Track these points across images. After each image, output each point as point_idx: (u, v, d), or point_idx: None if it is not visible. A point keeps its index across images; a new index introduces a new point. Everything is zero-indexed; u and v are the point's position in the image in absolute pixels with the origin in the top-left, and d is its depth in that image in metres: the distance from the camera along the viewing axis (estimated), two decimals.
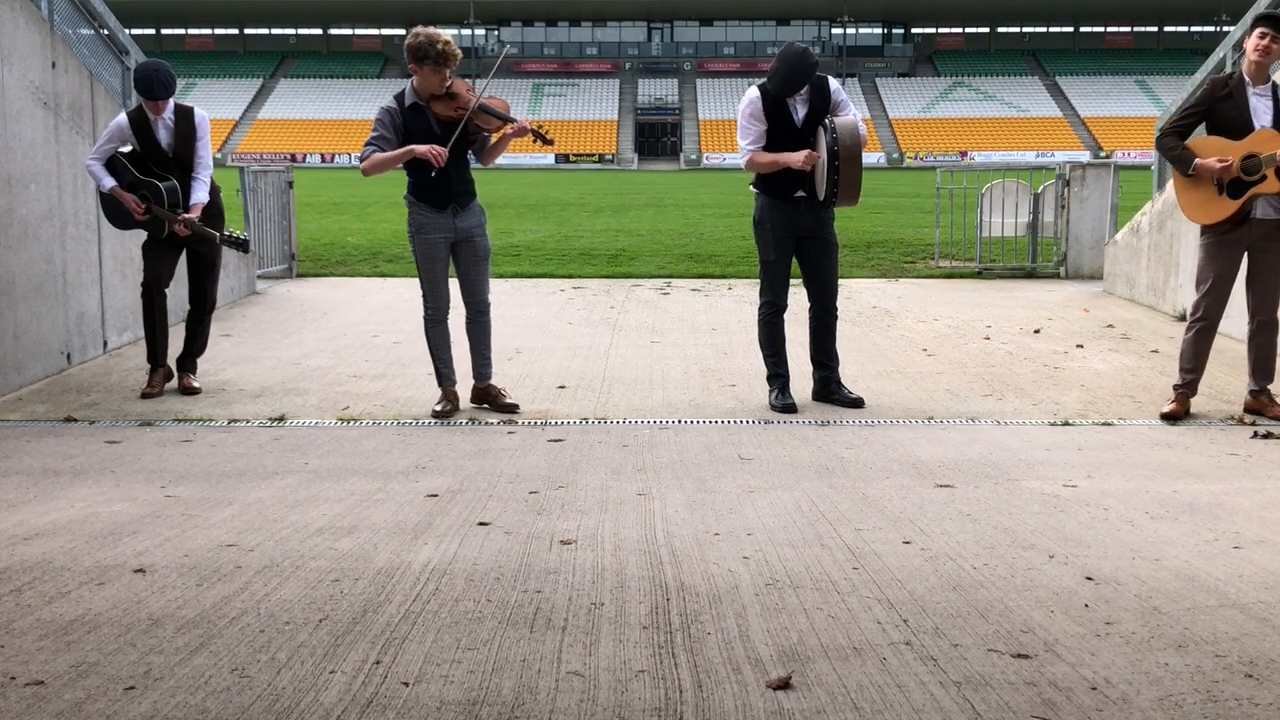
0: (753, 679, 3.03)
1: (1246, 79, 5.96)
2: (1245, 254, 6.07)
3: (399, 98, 6.01)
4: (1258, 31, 5.91)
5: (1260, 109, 5.93)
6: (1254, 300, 6.13)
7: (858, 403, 6.40)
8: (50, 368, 7.15)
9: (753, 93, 6.23)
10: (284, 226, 12.94)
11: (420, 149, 5.80)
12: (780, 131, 6.17)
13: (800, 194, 6.25)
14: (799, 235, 6.31)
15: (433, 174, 5.88)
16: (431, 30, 5.88)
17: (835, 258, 6.42)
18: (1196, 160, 5.93)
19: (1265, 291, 6.09)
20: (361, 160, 5.98)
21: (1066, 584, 3.72)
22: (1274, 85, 5.98)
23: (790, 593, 3.65)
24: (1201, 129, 6.22)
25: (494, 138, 6.16)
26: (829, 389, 6.50)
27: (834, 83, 6.30)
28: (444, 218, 6.06)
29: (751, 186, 6.40)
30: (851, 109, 6.23)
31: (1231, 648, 3.23)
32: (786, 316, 6.52)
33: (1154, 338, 8.70)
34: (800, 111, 6.18)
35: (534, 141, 6.05)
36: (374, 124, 5.99)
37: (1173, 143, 6.06)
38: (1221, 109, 5.98)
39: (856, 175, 5.94)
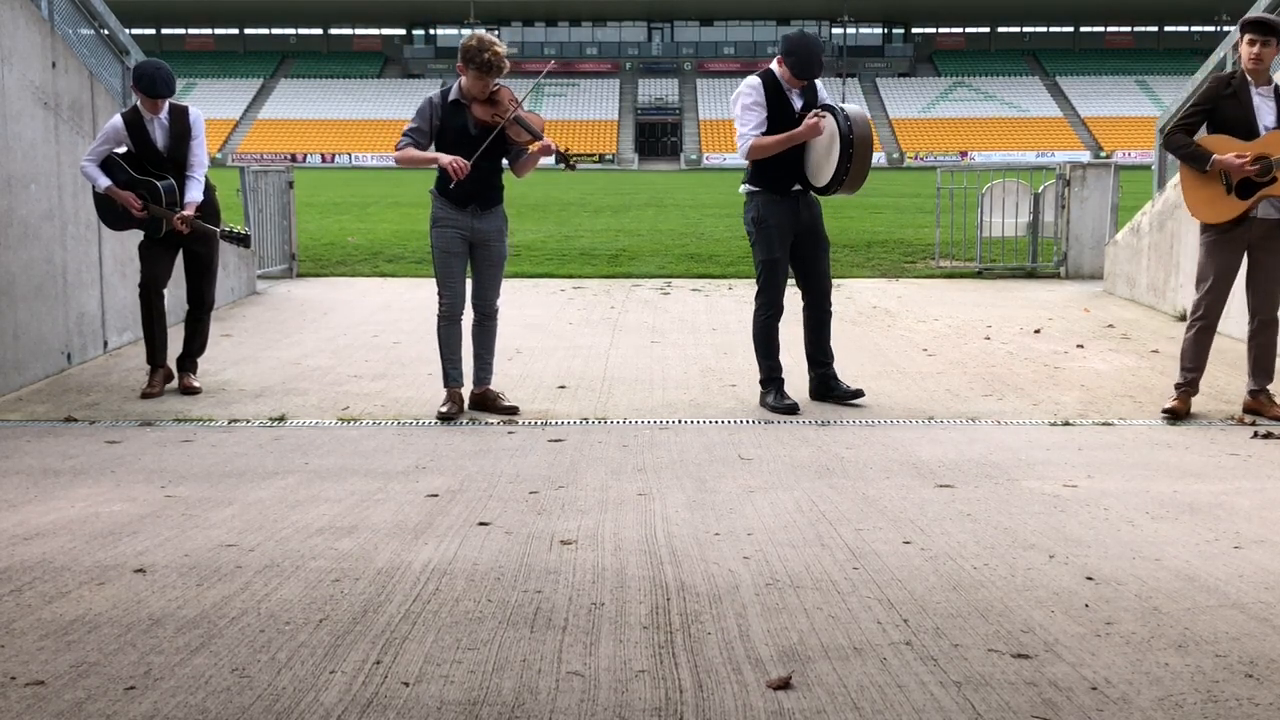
0: (753, 679, 3.03)
1: (1249, 78, 5.96)
2: (1245, 253, 6.08)
3: (445, 92, 6.09)
4: (1246, 38, 5.92)
5: (1264, 109, 5.93)
6: (1254, 300, 6.14)
7: (858, 393, 6.42)
8: (50, 368, 7.15)
9: (753, 80, 6.22)
10: (284, 226, 12.95)
11: (445, 159, 5.87)
12: (779, 120, 6.16)
13: (797, 187, 6.25)
14: (796, 231, 6.31)
15: (451, 185, 5.93)
16: (487, 37, 5.97)
17: (828, 252, 6.45)
18: (1215, 155, 5.90)
19: (1266, 291, 6.10)
20: (398, 148, 6.08)
21: (1067, 584, 3.72)
22: (1276, 87, 5.99)
23: (790, 593, 3.65)
24: (1203, 130, 6.21)
25: (529, 150, 6.19)
26: (827, 385, 6.50)
27: (820, 83, 6.34)
28: (463, 216, 6.10)
29: (743, 186, 6.30)
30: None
31: (1232, 648, 3.23)
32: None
33: (1154, 338, 8.70)
34: (798, 102, 6.20)
35: (557, 164, 6.09)
36: (414, 114, 6.08)
37: (1183, 139, 6.03)
38: (1226, 107, 5.96)
39: (866, 164, 5.98)
